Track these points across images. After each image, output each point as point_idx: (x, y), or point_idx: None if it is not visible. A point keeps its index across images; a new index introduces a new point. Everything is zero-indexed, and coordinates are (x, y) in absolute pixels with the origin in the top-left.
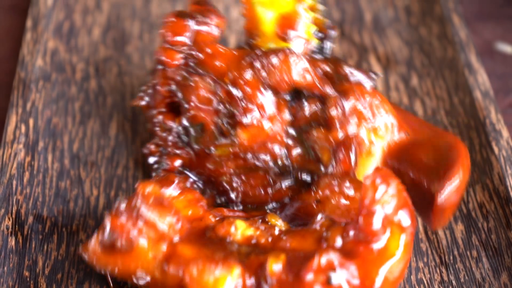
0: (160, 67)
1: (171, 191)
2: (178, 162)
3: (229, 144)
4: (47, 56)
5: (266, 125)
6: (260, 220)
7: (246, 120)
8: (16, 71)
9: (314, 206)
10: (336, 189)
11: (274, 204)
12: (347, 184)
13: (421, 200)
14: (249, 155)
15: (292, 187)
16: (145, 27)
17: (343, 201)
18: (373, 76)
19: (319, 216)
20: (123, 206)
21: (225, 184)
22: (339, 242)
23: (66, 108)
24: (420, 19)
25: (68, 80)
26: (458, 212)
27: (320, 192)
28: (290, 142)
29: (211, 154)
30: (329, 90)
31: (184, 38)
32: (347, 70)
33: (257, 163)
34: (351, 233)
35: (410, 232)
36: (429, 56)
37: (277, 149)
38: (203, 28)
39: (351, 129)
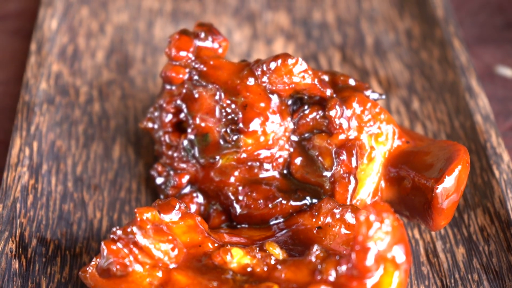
0: (167, 86)
1: (172, 216)
2: (185, 179)
3: (234, 151)
4: (51, 79)
5: (269, 130)
6: (258, 248)
7: (249, 125)
8: (20, 94)
9: (315, 232)
10: (338, 216)
11: (276, 219)
12: (349, 213)
13: (422, 204)
14: (253, 163)
15: (295, 206)
16: (148, 51)
17: (344, 230)
18: (377, 95)
19: (315, 248)
20: (119, 232)
21: (230, 195)
22: (333, 275)
23: (69, 131)
24: (421, 43)
25: (72, 103)
26: (459, 235)
27: (321, 218)
28: (292, 150)
29: (216, 163)
30: (329, 92)
31: (188, 53)
32: (349, 79)
33: (260, 174)
34: (344, 267)
35: (404, 269)
36: (430, 79)
37: (279, 156)
38: (206, 44)
39: (352, 133)
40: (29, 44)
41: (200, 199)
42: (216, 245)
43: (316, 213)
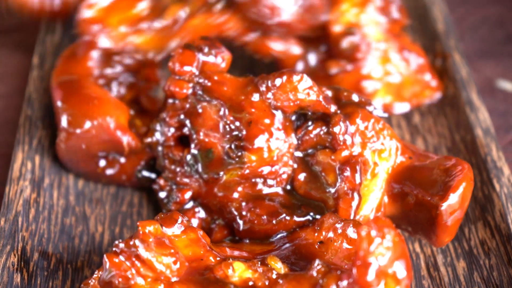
0: (170, 101)
1: (174, 229)
2: (188, 194)
3: (238, 167)
4: None
5: (273, 146)
6: (260, 262)
7: (254, 142)
8: (22, 108)
9: (317, 246)
10: (340, 231)
11: (279, 235)
12: (351, 227)
13: (426, 220)
14: (257, 179)
15: (298, 222)
16: None
17: (346, 245)
18: (380, 111)
19: (316, 262)
20: (121, 245)
21: (234, 211)
22: None
23: None
24: None
25: None
26: (460, 249)
27: (323, 233)
28: (295, 165)
29: (220, 179)
30: (333, 108)
31: (192, 68)
32: (352, 95)
33: (264, 190)
34: (346, 282)
35: (405, 284)
36: None
37: (283, 172)
38: (210, 58)
39: (356, 149)
40: (32, 58)
41: (202, 214)
42: (218, 258)
43: (318, 228)
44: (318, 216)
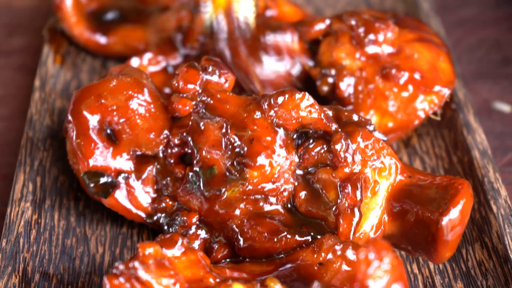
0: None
1: (174, 251)
2: (195, 218)
3: (240, 184)
4: (55, 115)
5: (275, 163)
6: (259, 284)
7: (256, 159)
8: (24, 130)
9: (316, 268)
10: (339, 253)
11: (280, 254)
12: (350, 249)
13: (425, 237)
14: (258, 196)
15: (300, 241)
16: None
17: (345, 266)
18: (380, 134)
19: (315, 284)
20: (121, 267)
21: (235, 228)
22: None
23: None
24: None
25: None
26: (457, 270)
27: (322, 254)
28: (296, 183)
29: (221, 195)
30: (334, 126)
31: (195, 86)
32: (353, 115)
33: (265, 208)
34: None
35: None
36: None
37: (284, 189)
38: (213, 78)
39: (356, 167)
40: (33, 80)
41: (203, 232)
42: (217, 280)
43: (317, 249)
44: (319, 236)
